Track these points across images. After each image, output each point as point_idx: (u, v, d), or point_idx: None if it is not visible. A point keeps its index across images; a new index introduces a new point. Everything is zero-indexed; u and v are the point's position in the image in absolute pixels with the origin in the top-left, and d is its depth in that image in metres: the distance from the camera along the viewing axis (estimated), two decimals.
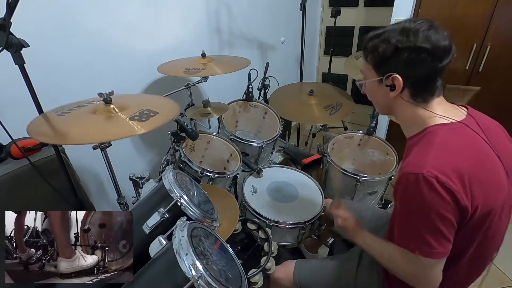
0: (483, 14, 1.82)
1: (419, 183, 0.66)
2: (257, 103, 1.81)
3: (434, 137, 0.73)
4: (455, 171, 0.66)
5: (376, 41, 0.76)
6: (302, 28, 1.95)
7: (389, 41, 0.73)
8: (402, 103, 0.79)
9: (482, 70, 1.93)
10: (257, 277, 1.07)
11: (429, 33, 0.70)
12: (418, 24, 0.71)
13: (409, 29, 0.71)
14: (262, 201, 1.38)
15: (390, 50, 0.72)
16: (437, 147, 0.70)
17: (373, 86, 0.82)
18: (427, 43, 0.69)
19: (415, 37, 0.70)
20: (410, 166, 0.70)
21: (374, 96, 0.86)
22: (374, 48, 0.76)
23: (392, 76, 0.75)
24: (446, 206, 0.66)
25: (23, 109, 0.90)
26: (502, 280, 1.64)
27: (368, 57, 0.80)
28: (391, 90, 0.77)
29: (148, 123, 0.82)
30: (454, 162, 0.68)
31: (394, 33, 0.73)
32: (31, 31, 0.84)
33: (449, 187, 0.65)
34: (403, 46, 0.71)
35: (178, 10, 1.58)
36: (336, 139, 1.72)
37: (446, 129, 0.74)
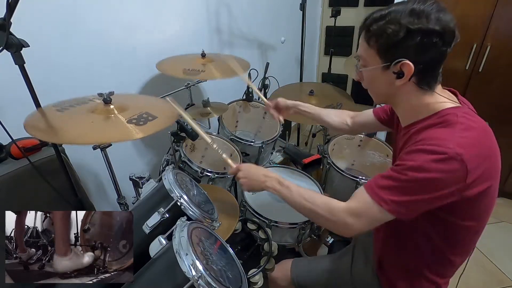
0: (483, 14, 1.82)
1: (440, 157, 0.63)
2: (257, 103, 1.81)
3: (454, 118, 0.69)
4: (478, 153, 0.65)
5: (382, 22, 0.68)
6: (302, 28, 1.95)
7: (399, 23, 0.66)
8: (407, 90, 0.73)
9: (482, 70, 1.93)
10: (257, 277, 1.07)
11: (440, 15, 0.65)
12: (428, 5, 0.66)
13: (420, 10, 0.65)
14: (262, 201, 1.38)
15: (402, 33, 0.66)
16: (460, 127, 0.67)
17: (375, 73, 0.75)
18: (438, 26, 0.65)
19: (427, 19, 0.65)
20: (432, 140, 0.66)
21: (374, 84, 0.79)
22: (382, 31, 0.68)
23: (402, 63, 0.68)
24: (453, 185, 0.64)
25: (23, 109, 0.90)
26: (502, 280, 1.64)
27: (371, 41, 0.72)
28: (398, 77, 0.71)
29: (145, 128, 0.81)
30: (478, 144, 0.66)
31: (403, 14, 0.66)
32: (31, 31, 0.84)
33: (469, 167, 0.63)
34: (415, 28, 0.65)
35: (178, 10, 1.58)
36: (336, 139, 1.72)
37: (462, 112, 0.70)
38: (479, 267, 1.68)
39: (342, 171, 1.49)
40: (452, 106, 0.72)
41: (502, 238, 1.87)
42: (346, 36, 2.93)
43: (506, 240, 1.84)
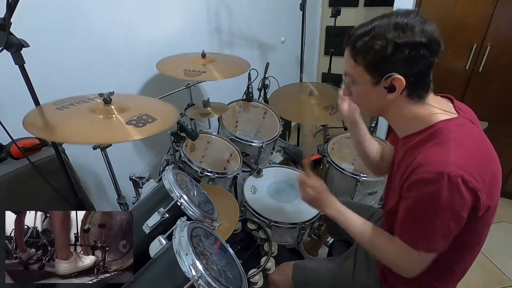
0: (483, 14, 1.82)
1: (441, 182, 0.63)
2: (257, 103, 1.81)
3: (448, 134, 0.69)
4: (477, 170, 0.65)
5: (367, 38, 0.68)
6: (302, 28, 1.95)
7: (385, 38, 0.66)
8: (399, 103, 0.73)
9: (482, 70, 1.93)
10: (257, 277, 1.08)
11: (424, 26, 0.65)
12: (411, 18, 0.66)
13: (404, 23, 0.65)
14: (262, 201, 1.38)
15: (390, 48, 0.65)
16: (454, 144, 0.67)
17: (365, 89, 0.74)
18: (424, 37, 0.65)
19: (412, 32, 0.65)
20: (430, 165, 0.66)
21: (365, 99, 0.79)
22: (368, 47, 0.68)
23: (393, 77, 0.68)
24: (464, 206, 0.65)
25: (23, 109, 0.90)
26: (502, 280, 1.64)
27: (358, 58, 0.71)
28: (390, 91, 0.70)
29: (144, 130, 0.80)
30: (474, 159, 0.66)
31: (387, 28, 0.66)
32: (31, 31, 0.84)
33: (472, 186, 0.63)
34: (402, 42, 0.65)
35: (178, 10, 1.58)
36: (336, 139, 1.72)
37: (455, 125, 0.70)
38: (479, 267, 1.68)
39: (342, 169, 1.49)
40: (445, 118, 0.72)
41: (502, 238, 1.87)
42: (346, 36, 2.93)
43: (506, 240, 1.84)
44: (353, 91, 0.79)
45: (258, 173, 1.53)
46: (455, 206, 0.65)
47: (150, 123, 0.83)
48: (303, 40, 2.00)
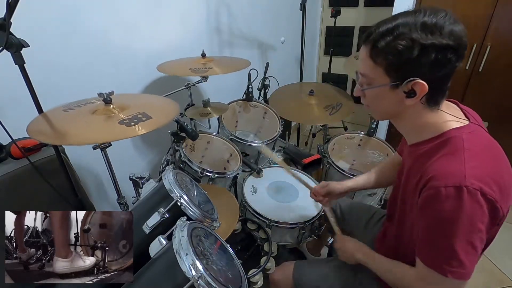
0: (483, 14, 1.82)
1: (461, 196, 0.60)
2: (257, 103, 1.81)
3: (461, 143, 0.65)
4: (493, 179, 0.62)
5: (390, 38, 0.62)
6: (302, 28, 1.95)
7: (411, 39, 0.60)
8: (414, 109, 0.69)
9: (482, 70, 1.93)
10: (257, 277, 1.07)
11: (454, 27, 0.59)
12: (441, 17, 0.60)
13: (433, 23, 0.59)
14: (262, 201, 1.38)
15: (416, 50, 0.60)
16: (469, 154, 0.63)
17: (381, 92, 0.69)
18: (452, 40, 0.59)
19: (441, 33, 0.59)
20: (446, 178, 0.62)
21: (379, 103, 0.74)
22: (392, 48, 0.62)
23: (414, 82, 0.63)
24: (485, 219, 0.62)
25: (23, 109, 0.90)
26: (502, 280, 1.64)
27: (379, 59, 0.65)
28: (409, 97, 0.66)
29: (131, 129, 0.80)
30: (490, 168, 0.64)
31: (412, 28, 0.60)
32: (31, 31, 0.84)
33: (491, 198, 0.60)
34: (429, 44, 0.59)
35: (178, 10, 1.58)
36: (336, 139, 1.72)
37: (467, 133, 0.67)
38: (479, 267, 1.68)
39: (342, 170, 1.49)
40: (456, 126, 0.69)
41: (502, 238, 1.85)
42: (346, 36, 2.93)
43: (506, 240, 1.84)
44: (368, 93, 0.73)
45: (258, 173, 1.52)
46: (478, 222, 0.62)
47: (144, 122, 0.83)
48: (303, 40, 2.00)
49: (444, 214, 0.63)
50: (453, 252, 0.64)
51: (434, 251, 0.68)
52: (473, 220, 0.61)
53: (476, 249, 0.64)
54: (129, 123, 0.82)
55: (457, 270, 0.65)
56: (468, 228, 0.62)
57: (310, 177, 1.54)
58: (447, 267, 0.65)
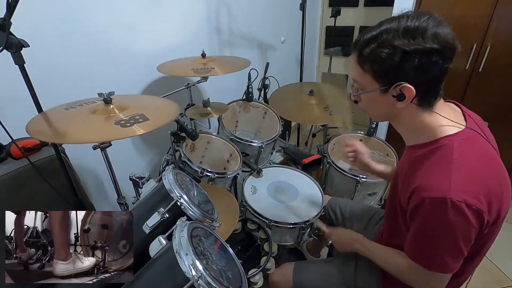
0: (483, 14, 1.82)
1: (446, 208, 0.62)
2: (257, 103, 1.81)
3: (450, 153, 0.66)
4: (481, 190, 0.63)
5: (374, 45, 0.64)
6: (302, 28, 1.95)
7: (393, 45, 0.62)
8: (408, 111, 0.71)
9: (482, 70, 1.93)
10: (257, 277, 1.07)
11: (437, 30, 0.60)
12: (423, 21, 0.61)
13: (415, 28, 0.60)
14: (262, 201, 1.38)
15: (398, 56, 0.62)
16: (457, 165, 0.64)
17: (373, 97, 0.72)
18: (436, 43, 0.60)
19: (423, 37, 0.60)
20: (432, 190, 0.64)
21: (373, 107, 0.76)
22: (375, 55, 0.65)
23: (402, 86, 0.65)
24: (471, 229, 0.64)
25: (23, 109, 0.90)
26: (502, 280, 1.64)
27: (365, 66, 0.68)
28: (399, 100, 0.68)
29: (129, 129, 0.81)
30: (478, 180, 0.64)
31: (396, 34, 0.62)
32: (31, 31, 0.84)
33: (476, 209, 0.62)
34: (412, 49, 0.60)
35: (178, 10, 1.58)
36: (336, 139, 1.72)
37: (460, 140, 0.67)
38: (479, 267, 1.69)
39: (342, 170, 1.49)
40: (450, 133, 0.69)
41: (502, 238, 1.85)
42: (346, 36, 2.93)
43: (506, 240, 1.84)
44: (362, 97, 0.76)
45: (258, 173, 1.52)
46: (463, 231, 0.64)
47: (141, 123, 0.83)
48: (303, 40, 2.00)
49: (430, 224, 0.67)
50: (438, 253, 0.69)
51: (421, 251, 0.74)
52: (459, 230, 0.64)
53: (462, 252, 0.68)
54: (125, 124, 0.82)
55: (441, 267, 0.71)
56: (454, 236, 0.65)
57: (310, 177, 1.54)
58: (432, 264, 0.71)
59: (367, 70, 0.69)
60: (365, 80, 0.71)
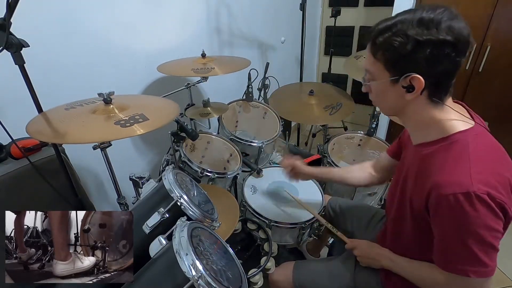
0: (483, 14, 1.82)
1: (472, 202, 0.61)
2: (257, 103, 1.81)
3: (466, 147, 0.66)
4: (500, 182, 0.63)
5: (388, 34, 0.65)
6: (302, 28, 1.95)
7: (406, 35, 0.62)
8: (417, 104, 0.70)
9: (482, 70, 1.93)
10: (257, 277, 1.07)
11: (452, 23, 0.60)
12: (438, 13, 0.61)
13: (430, 19, 0.61)
14: (262, 201, 1.38)
15: (410, 45, 0.62)
16: (473, 159, 0.64)
17: (383, 87, 0.71)
18: (450, 35, 0.60)
19: (437, 29, 0.60)
20: (454, 185, 0.63)
21: (383, 97, 0.75)
22: (388, 44, 0.65)
23: (411, 77, 0.65)
24: (498, 221, 0.63)
25: (23, 109, 0.90)
26: (502, 280, 1.64)
27: (378, 55, 0.68)
28: (408, 91, 0.67)
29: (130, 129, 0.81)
30: (496, 172, 0.64)
31: (410, 24, 0.62)
32: (31, 31, 0.84)
33: (500, 201, 0.61)
34: (424, 39, 0.61)
35: (178, 10, 1.58)
36: (336, 139, 1.72)
37: (473, 135, 0.67)
38: None
39: None
40: (462, 129, 0.69)
41: (502, 238, 1.86)
42: (346, 36, 2.93)
43: (506, 240, 1.84)
44: (372, 88, 0.76)
45: (258, 173, 1.52)
46: (491, 223, 0.62)
47: (140, 123, 0.83)
48: (303, 40, 2.00)
49: (457, 219, 0.64)
50: (472, 254, 0.65)
51: (454, 255, 0.69)
52: (486, 222, 0.62)
53: (495, 247, 0.65)
54: (125, 124, 0.82)
55: (479, 269, 0.66)
56: (482, 230, 0.63)
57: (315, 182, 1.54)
58: (467, 267, 0.66)
59: (379, 59, 0.69)
60: (377, 70, 0.70)
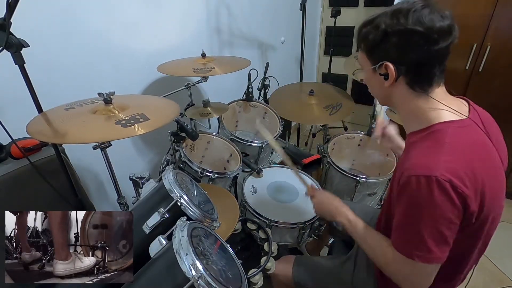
0: (483, 14, 1.82)
1: (431, 186, 0.62)
2: (257, 103, 1.81)
3: (443, 136, 0.67)
4: (468, 175, 0.63)
5: (368, 28, 0.71)
6: (302, 28, 1.95)
7: (378, 27, 0.68)
8: (400, 93, 0.74)
9: (482, 70, 1.93)
10: (257, 277, 1.07)
11: (422, 13, 0.64)
12: (411, 4, 0.65)
13: (400, 10, 0.66)
14: (262, 201, 1.38)
15: (379, 36, 0.68)
16: (447, 147, 0.65)
17: (369, 76, 0.77)
18: (418, 25, 0.63)
19: (406, 19, 0.64)
20: (420, 168, 0.65)
21: (371, 86, 0.82)
22: (366, 35, 0.72)
23: (384, 64, 0.70)
24: (455, 211, 0.63)
25: (23, 109, 0.90)
26: (502, 280, 1.64)
27: (361, 46, 0.76)
28: (385, 79, 0.72)
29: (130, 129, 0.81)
30: (467, 165, 0.64)
31: (385, 16, 0.68)
32: (31, 31, 0.84)
33: (461, 192, 0.62)
34: (393, 30, 0.66)
35: (178, 10, 1.58)
36: (336, 139, 1.72)
37: (455, 127, 0.68)
38: (479, 267, 1.69)
39: (342, 170, 1.49)
40: (447, 119, 0.70)
41: (502, 238, 1.87)
42: (346, 36, 2.93)
43: (506, 240, 1.84)
44: (364, 78, 0.82)
45: (258, 173, 1.52)
46: (446, 212, 0.63)
47: (141, 123, 0.83)
48: (303, 40, 2.00)
49: (414, 201, 0.66)
50: (421, 238, 0.66)
51: (404, 236, 0.71)
52: (441, 210, 0.63)
53: (445, 237, 0.66)
54: (126, 124, 0.82)
55: (423, 254, 0.67)
56: (435, 216, 0.64)
57: (310, 177, 1.54)
58: (414, 251, 0.68)
59: (362, 49, 0.76)
60: (362, 60, 0.77)
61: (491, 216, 0.71)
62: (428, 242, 0.66)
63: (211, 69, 1.35)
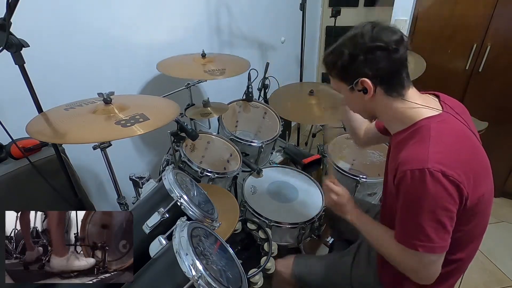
0: (483, 14, 1.82)
1: (424, 178, 0.66)
2: (257, 103, 1.81)
3: (428, 131, 0.73)
4: (458, 163, 0.68)
5: (331, 57, 0.79)
6: (302, 28, 1.94)
7: (342, 52, 0.76)
8: (381, 102, 0.79)
9: (482, 70, 1.92)
10: (257, 277, 1.07)
11: (374, 32, 0.72)
12: (362, 28, 0.74)
13: (355, 35, 0.74)
14: (262, 201, 1.38)
15: (347, 59, 0.75)
16: (434, 140, 0.71)
17: (348, 95, 0.83)
18: (378, 41, 0.71)
19: (364, 40, 0.72)
20: (411, 162, 0.70)
21: (354, 105, 0.88)
22: (333, 63, 0.79)
23: (360, 80, 0.76)
24: (450, 199, 0.67)
25: (23, 109, 0.90)
26: (502, 280, 1.64)
27: (332, 73, 0.82)
28: (365, 93, 0.78)
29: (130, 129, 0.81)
30: (454, 154, 0.70)
31: (345, 43, 0.76)
32: (31, 31, 0.84)
33: (454, 179, 0.66)
34: (357, 51, 0.73)
35: (178, 10, 1.58)
36: (336, 139, 1.72)
37: (437, 122, 0.74)
38: (479, 267, 1.67)
39: (342, 170, 1.49)
40: (427, 116, 0.75)
41: (502, 238, 1.87)
42: None
43: (506, 240, 1.84)
44: (345, 101, 0.88)
45: (258, 173, 1.53)
46: (442, 201, 0.67)
47: (141, 123, 0.83)
48: (303, 40, 2.00)
49: (411, 194, 0.71)
50: (421, 228, 0.70)
51: (405, 229, 0.75)
52: (437, 199, 0.67)
53: (445, 226, 0.69)
54: (125, 124, 0.82)
55: (426, 244, 0.70)
56: (433, 206, 0.68)
57: (310, 177, 1.54)
58: (416, 241, 0.72)
59: (334, 76, 0.83)
60: (337, 85, 0.84)
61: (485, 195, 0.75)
62: (427, 230, 0.69)
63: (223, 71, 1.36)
